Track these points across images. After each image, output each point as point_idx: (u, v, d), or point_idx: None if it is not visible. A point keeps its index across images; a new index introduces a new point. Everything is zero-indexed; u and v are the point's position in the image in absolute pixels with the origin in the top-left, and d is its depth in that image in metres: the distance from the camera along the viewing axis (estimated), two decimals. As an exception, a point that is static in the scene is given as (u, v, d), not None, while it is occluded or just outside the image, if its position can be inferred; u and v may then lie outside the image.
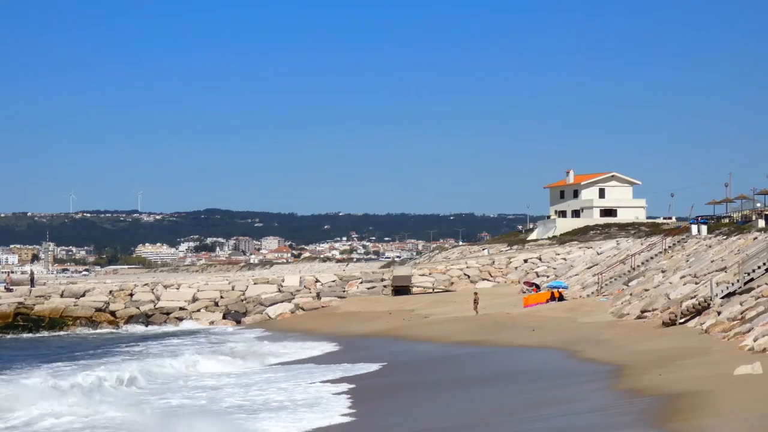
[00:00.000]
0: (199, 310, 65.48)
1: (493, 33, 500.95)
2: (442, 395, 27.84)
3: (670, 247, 60.08)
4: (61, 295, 65.68)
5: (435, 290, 69.46)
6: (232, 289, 67.79)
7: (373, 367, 35.76)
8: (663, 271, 52.95)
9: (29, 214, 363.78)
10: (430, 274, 72.86)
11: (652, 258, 59.06)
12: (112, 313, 64.57)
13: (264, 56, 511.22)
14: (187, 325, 63.43)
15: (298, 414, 25.10)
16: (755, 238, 49.26)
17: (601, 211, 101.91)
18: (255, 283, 69.33)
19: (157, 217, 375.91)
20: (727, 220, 68.03)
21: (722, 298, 38.38)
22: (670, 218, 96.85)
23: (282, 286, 68.98)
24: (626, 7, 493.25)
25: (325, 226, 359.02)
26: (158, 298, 66.18)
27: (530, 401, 24.87)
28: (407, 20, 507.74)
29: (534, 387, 27.54)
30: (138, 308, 64.95)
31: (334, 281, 70.61)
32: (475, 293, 56.88)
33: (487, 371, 32.91)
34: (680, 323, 38.02)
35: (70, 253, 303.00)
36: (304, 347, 45.45)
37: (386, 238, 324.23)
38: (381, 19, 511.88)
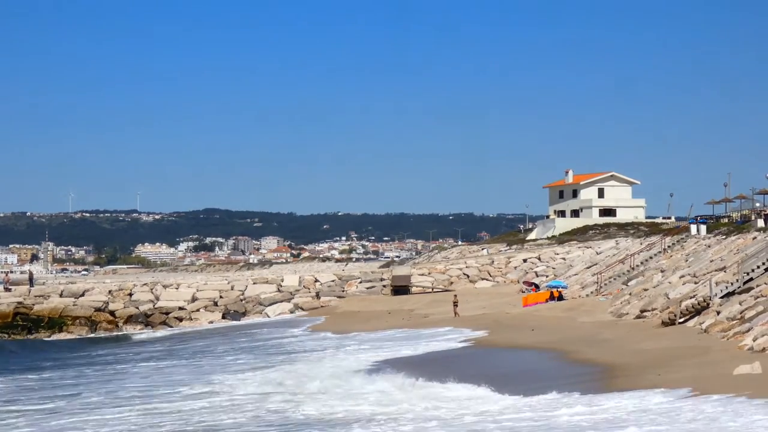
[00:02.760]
0: (198, 310, 65.41)
1: (492, 32, 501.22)
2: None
3: (669, 246, 60.08)
4: (61, 295, 65.60)
5: (434, 290, 69.43)
6: (232, 289, 67.74)
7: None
8: (662, 271, 52.94)
9: (28, 213, 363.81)
10: (429, 273, 72.82)
11: (651, 258, 59.05)
12: (111, 313, 64.47)
13: (263, 56, 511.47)
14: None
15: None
16: (754, 238, 49.26)
17: (600, 210, 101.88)
18: (254, 283, 69.28)
19: (157, 216, 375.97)
20: (726, 220, 68.04)
21: (721, 297, 38.38)
22: (670, 218, 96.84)
23: (281, 285, 68.95)
24: (626, 6, 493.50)
25: (325, 226, 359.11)
26: (157, 298, 66.10)
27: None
28: (406, 19, 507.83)
29: (530, 387, 27.52)
30: (137, 308, 64.88)
31: (333, 281, 70.57)
32: (455, 296, 56.68)
33: (485, 372, 32.85)
34: (679, 323, 38.03)
35: (69, 252, 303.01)
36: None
37: (385, 238, 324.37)
38: (380, 18, 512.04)
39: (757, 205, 66.96)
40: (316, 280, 70.89)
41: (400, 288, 68.87)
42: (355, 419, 23.25)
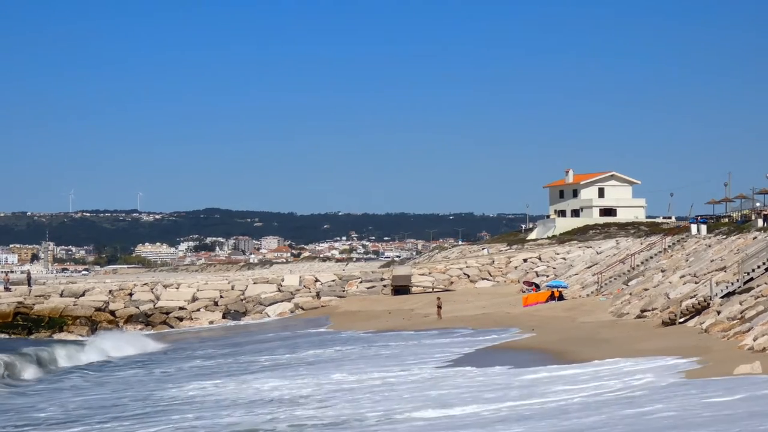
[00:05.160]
0: (198, 310, 65.40)
1: (492, 32, 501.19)
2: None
3: (669, 246, 60.06)
4: (61, 295, 65.60)
5: (435, 290, 69.38)
6: (232, 289, 67.72)
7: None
8: (662, 271, 52.93)
9: (29, 213, 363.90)
10: (429, 273, 72.79)
11: (651, 257, 59.04)
12: (112, 313, 64.46)
13: (263, 56, 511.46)
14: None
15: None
16: (755, 238, 49.23)
17: (600, 210, 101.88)
18: (255, 283, 69.25)
19: (157, 216, 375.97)
20: (726, 220, 68.00)
21: (722, 297, 38.37)
22: (670, 218, 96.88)
23: (281, 285, 68.91)
24: (627, 6, 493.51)
25: (325, 226, 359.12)
26: (158, 298, 66.08)
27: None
28: (408, 19, 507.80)
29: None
30: (137, 308, 64.87)
31: (333, 281, 70.53)
32: (438, 299, 56.42)
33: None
34: (680, 323, 38.03)
35: (69, 252, 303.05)
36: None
37: (386, 238, 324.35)
38: (379, 17, 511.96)
39: (758, 204, 66.91)
40: (317, 280, 70.85)
41: (401, 288, 68.82)
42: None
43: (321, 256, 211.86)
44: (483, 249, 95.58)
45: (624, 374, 26.31)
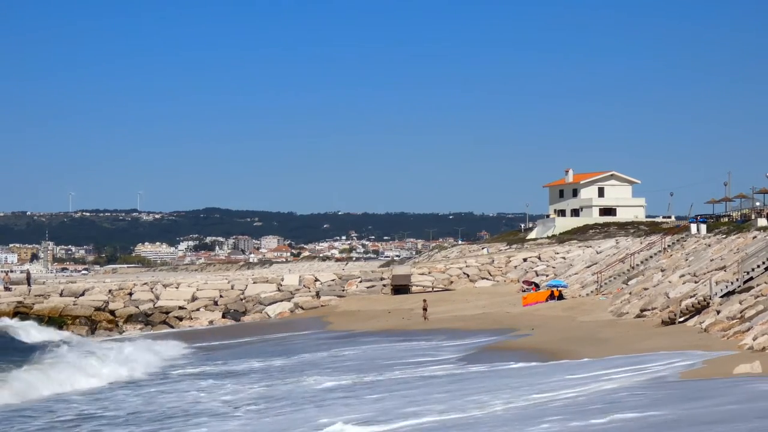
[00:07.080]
0: (198, 309, 65.34)
1: (492, 32, 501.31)
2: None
3: (669, 246, 60.07)
4: (61, 295, 65.55)
5: (434, 289, 69.37)
6: (232, 288, 67.63)
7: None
8: (662, 270, 52.93)
9: (28, 213, 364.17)
10: (429, 273, 72.75)
11: (651, 257, 59.04)
12: (112, 312, 64.41)
13: (262, 55, 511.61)
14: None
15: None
16: (754, 237, 49.24)
17: (600, 210, 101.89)
18: (254, 282, 69.18)
19: (157, 216, 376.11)
20: (726, 219, 68.00)
21: (721, 297, 38.37)
22: (670, 217, 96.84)
23: (281, 285, 68.84)
24: (627, 6, 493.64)
25: (325, 225, 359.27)
26: (157, 298, 65.99)
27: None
28: (408, 19, 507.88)
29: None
30: (137, 307, 64.81)
31: (333, 280, 70.45)
32: (424, 300, 56.24)
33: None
34: (679, 322, 38.04)
35: (69, 252, 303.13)
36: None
37: (385, 237, 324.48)
38: (379, 17, 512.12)
39: (757, 204, 66.91)
40: (317, 280, 70.78)
41: (401, 287, 68.79)
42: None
43: (321, 255, 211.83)
44: (483, 248, 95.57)
45: (623, 373, 26.32)
